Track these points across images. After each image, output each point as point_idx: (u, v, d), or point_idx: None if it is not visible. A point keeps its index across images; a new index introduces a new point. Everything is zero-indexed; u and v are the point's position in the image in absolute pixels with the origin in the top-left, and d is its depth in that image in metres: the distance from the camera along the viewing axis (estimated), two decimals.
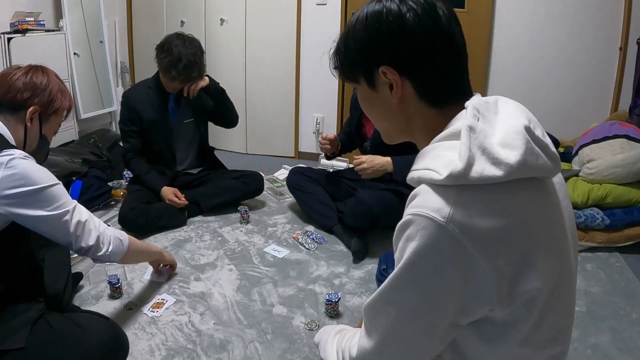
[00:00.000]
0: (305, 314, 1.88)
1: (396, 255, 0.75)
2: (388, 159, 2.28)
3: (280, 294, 2.01)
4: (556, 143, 3.00)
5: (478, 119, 0.74)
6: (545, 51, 3.42)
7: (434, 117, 0.81)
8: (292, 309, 1.91)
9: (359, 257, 2.31)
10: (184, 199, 2.60)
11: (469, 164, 0.69)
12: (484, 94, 0.84)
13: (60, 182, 1.37)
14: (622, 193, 2.45)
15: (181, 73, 2.44)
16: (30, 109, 1.39)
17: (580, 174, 2.58)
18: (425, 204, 0.71)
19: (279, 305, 1.93)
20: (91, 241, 1.42)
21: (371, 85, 0.83)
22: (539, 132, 0.76)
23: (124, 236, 1.57)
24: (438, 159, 0.73)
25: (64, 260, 1.76)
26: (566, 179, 2.58)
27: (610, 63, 3.34)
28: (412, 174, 0.77)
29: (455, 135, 0.74)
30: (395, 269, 0.74)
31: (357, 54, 0.83)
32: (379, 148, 2.32)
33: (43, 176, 1.32)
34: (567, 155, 2.91)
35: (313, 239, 2.46)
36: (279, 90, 3.88)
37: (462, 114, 0.77)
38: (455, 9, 0.83)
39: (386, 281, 0.76)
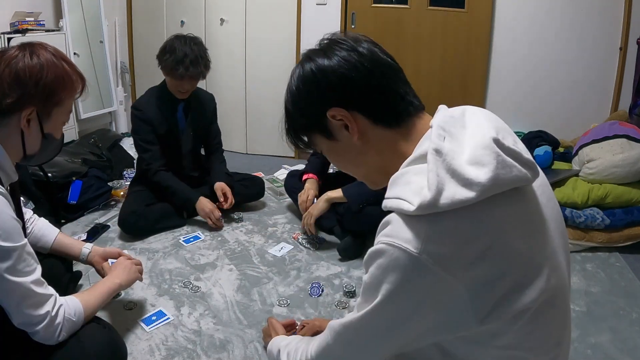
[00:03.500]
0: (306, 314, 1.88)
1: (367, 279, 0.75)
2: (339, 190, 2.32)
3: (280, 294, 2.01)
4: (556, 143, 3.00)
5: (444, 138, 0.73)
6: (545, 51, 3.42)
7: (397, 139, 0.82)
8: (292, 309, 1.91)
9: (344, 255, 2.30)
10: (220, 218, 2.55)
11: (439, 191, 0.67)
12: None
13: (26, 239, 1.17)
14: (622, 193, 2.45)
15: (188, 69, 2.41)
16: (24, 112, 1.17)
17: (580, 174, 2.58)
18: (397, 234, 0.70)
19: (279, 306, 1.93)
20: (37, 327, 1.18)
21: (329, 136, 0.85)
22: (510, 140, 0.74)
23: (77, 308, 1.30)
24: (408, 185, 0.72)
25: (64, 259, 1.76)
26: (566, 179, 2.58)
27: (610, 63, 3.34)
28: (385, 203, 0.76)
29: (423, 158, 0.73)
30: (375, 301, 0.74)
31: (301, 117, 0.87)
32: None
33: (13, 230, 1.12)
34: (567, 155, 2.91)
35: (313, 239, 2.46)
36: (279, 90, 3.80)
37: (429, 133, 0.76)
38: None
39: (361, 313, 0.77)
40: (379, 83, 0.81)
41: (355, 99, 0.81)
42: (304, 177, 2.58)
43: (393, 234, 0.71)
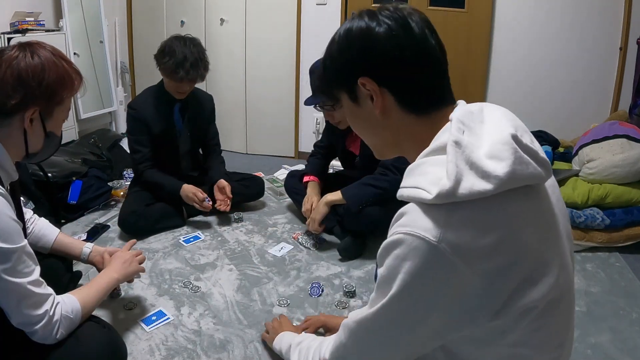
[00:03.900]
0: (305, 314, 1.88)
1: (383, 272, 0.75)
2: (338, 192, 2.30)
3: (280, 294, 2.01)
4: (556, 143, 3.00)
5: (463, 132, 0.73)
6: (545, 51, 3.42)
7: (418, 126, 0.82)
8: (292, 309, 1.91)
9: (345, 255, 2.30)
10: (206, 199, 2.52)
11: (457, 181, 0.68)
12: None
13: (26, 240, 1.18)
14: (622, 193, 2.45)
15: (189, 72, 2.40)
16: (27, 112, 1.18)
17: (580, 174, 2.58)
18: (415, 224, 0.70)
19: (278, 306, 1.93)
20: (36, 327, 1.18)
21: (353, 99, 0.85)
22: (527, 138, 0.75)
23: (75, 305, 1.31)
24: (425, 175, 0.73)
25: (64, 258, 1.76)
26: (566, 179, 2.58)
27: (610, 63, 3.34)
28: (402, 192, 0.77)
29: (441, 150, 0.73)
30: (391, 292, 0.73)
31: (335, 71, 0.86)
32: (369, 162, 2.32)
33: (13, 231, 1.12)
34: (567, 155, 2.91)
35: (313, 239, 2.46)
36: (279, 90, 3.88)
37: (448, 126, 0.77)
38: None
39: (375, 308, 0.77)
40: (417, 72, 0.80)
41: (389, 78, 0.80)
42: (305, 178, 2.58)
43: (411, 223, 0.71)
